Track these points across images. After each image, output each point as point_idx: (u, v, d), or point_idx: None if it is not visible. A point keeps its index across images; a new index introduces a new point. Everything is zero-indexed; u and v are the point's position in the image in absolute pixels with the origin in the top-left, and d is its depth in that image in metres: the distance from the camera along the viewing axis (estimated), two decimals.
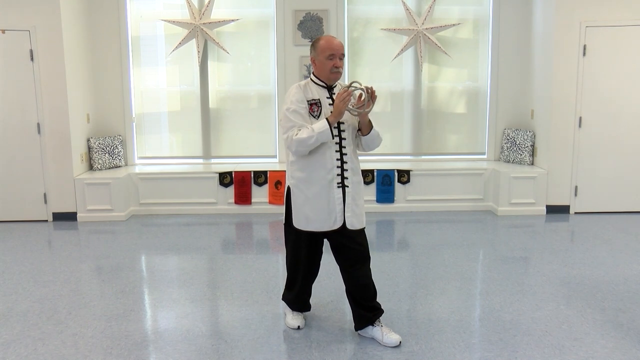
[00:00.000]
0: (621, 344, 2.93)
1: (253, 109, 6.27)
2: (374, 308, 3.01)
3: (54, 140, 5.49)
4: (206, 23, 5.93)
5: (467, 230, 5.13)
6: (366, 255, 2.98)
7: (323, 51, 2.84)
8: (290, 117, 2.82)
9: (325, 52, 2.84)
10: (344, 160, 2.90)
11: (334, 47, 2.85)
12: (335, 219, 2.89)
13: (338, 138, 2.89)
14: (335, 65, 2.86)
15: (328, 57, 2.85)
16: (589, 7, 5.39)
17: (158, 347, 2.97)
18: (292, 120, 2.82)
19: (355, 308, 3.02)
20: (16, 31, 5.32)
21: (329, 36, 2.91)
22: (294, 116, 2.82)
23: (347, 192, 2.91)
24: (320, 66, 2.88)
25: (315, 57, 2.89)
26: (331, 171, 2.87)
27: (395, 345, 2.92)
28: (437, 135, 6.32)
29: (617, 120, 5.54)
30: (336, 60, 2.86)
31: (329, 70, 2.87)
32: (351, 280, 2.98)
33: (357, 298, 2.99)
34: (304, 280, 3.14)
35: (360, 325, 3.03)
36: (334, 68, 2.86)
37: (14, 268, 4.25)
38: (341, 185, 2.90)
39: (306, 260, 3.07)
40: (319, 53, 2.86)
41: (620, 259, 4.29)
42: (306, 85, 2.92)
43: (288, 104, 2.86)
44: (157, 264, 4.32)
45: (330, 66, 2.86)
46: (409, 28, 5.96)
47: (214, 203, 5.86)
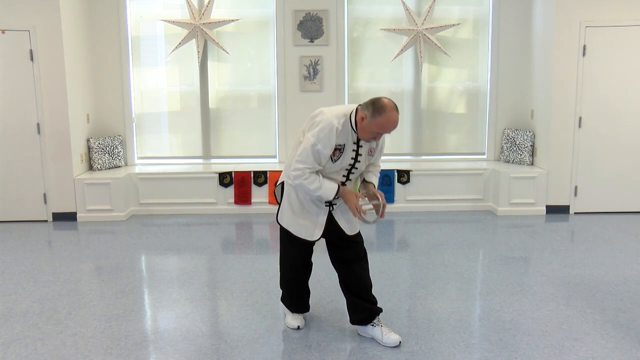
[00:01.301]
0: (621, 344, 2.93)
1: (253, 109, 6.27)
2: (371, 302, 3.02)
3: (54, 140, 5.49)
4: (206, 23, 5.93)
5: (467, 230, 5.13)
6: (363, 251, 3.04)
7: (379, 126, 2.70)
8: (311, 155, 2.75)
9: (379, 128, 2.72)
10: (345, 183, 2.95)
11: (390, 130, 2.74)
12: (313, 232, 2.95)
13: (345, 178, 2.92)
14: (376, 138, 2.81)
15: (378, 132, 2.75)
16: (589, 7, 5.39)
17: (158, 347, 2.97)
18: (311, 158, 2.76)
19: (351, 298, 3.03)
20: (16, 31, 5.32)
21: (394, 115, 2.70)
22: (315, 157, 2.76)
23: (333, 210, 2.99)
24: (366, 129, 2.75)
25: (368, 119, 2.71)
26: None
27: (395, 346, 2.93)
28: (437, 135, 6.32)
29: (617, 120, 5.54)
30: (379, 139, 2.85)
31: (369, 138, 2.80)
32: (347, 272, 3.01)
33: (353, 288, 3.01)
34: (299, 279, 3.14)
35: (355, 318, 3.04)
36: (373, 140, 2.84)
37: (14, 268, 4.25)
38: (329, 204, 2.96)
39: (299, 257, 3.08)
40: (373, 124, 2.70)
41: (620, 259, 4.29)
42: (343, 126, 2.78)
43: (316, 140, 2.74)
44: (157, 264, 4.32)
45: (372, 136, 2.79)
46: (408, 28, 5.96)
47: (214, 203, 5.86)
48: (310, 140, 2.75)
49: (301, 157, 2.77)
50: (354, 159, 2.87)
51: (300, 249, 3.05)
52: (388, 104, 2.69)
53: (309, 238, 2.97)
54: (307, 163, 2.77)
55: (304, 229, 2.96)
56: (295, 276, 3.14)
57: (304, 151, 2.77)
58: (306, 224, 2.96)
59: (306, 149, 2.76)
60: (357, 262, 3.01)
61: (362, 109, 2.76)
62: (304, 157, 2.77)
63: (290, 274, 3.13)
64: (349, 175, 2.93)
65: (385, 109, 2.69)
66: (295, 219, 2.97)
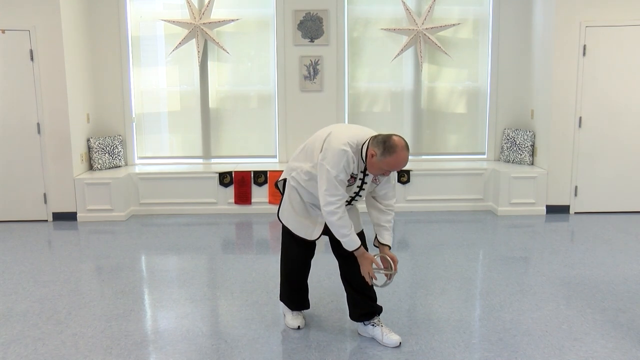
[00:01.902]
0: (621, 344, 2.94)
1: (253, 109, 6.27)
2: (371, 298, 3.03)
3: (54, 140, 5.49)
4: (206, 23, 5.93)
5: (467, 230, 5.13)
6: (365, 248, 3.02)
7: (388, 164, 2.70)
8: (338, 185, 2.74)
9: (389, 167, 2.72)
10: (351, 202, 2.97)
11: (400, 164, 2.72)
12: (312, 232, 2.98)
13: (355, 194, 2.92)
14: (385, 174, 2.80)
15: (386, 169, 2.75)
16: (589, 7, 5.39)
17: (158, 347, 2.97)
18: (340, 189, 2.74)
19: (351, 292, 3.04)
20: (16, 31, 5.32)
21: (404, 154, 2.70)
22: (341, 186, 2.76)
23: None
24: (375, 166, 2.74)
25: (378, 157, 2.69)
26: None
27: (395, 346, 2.93)
28: (437, 135, 6.32)
29: (617, 120, 5.54)
30: (388, 175, 2.85)
31: (377, 173, 2.79)
32: (348, 266, 3.01)
33: (353, 283, 3.02)
34: (299, 275, 3.14)
35: (355, 313, 3.04)
36: (382, 176, 2.85)
37: (14, 268, 4.25)
38: None
39: (299, 252, 3.08)
40: (383, 162, 2.69)
41: (620, 259, 4.29)
42: (355, 155, 2.78)
43: (337, 171, 2.72)
44: (157, 264, 4.32)
45: (381, 172, 2.78)
46: (409, 28, 5.96)
47: (214, 203, 5.86)
48: (331, 173, 2.72)
49: (329, 191, 2.74)
50: (360, 187, 2.90)
51: (301, 246, 3.05)
52: (399, 144, 2.68)
53: (308, 237, 2.98)
54: (337, 195, 2.75)
55: (304, 228, 2.98)
56: (296, 274, 3.14)
57: (329, 184, 2.73)
58: (306, 223, 2.97)
59: (330, 181, 2.73)
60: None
61: (372, 146, 2.73)
62: (332, 190, 2.74)
63: (291, 271, 3.14)
64: (351, 202, 2.95)
65: (396, 149, 2.67)
66: (295, 217, 2.98)
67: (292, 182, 2.98)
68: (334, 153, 2.73)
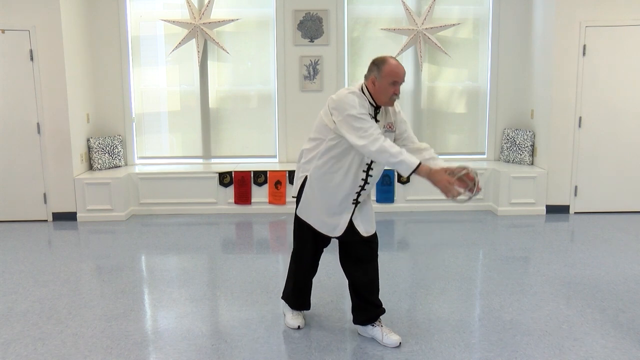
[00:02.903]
0: (621, 344, 2.94)
1: (253, 108, 6.27)
2: (376, 305, 3.01)
3: (54, 140, 5.49)
4: (206, 23, 5.93)
5: (467, 230, 5.13)
6: (376, 252, 3.02)
7: (388, 76, 2.71)
8: (364, 120, 2.66)
9: (390, 78, 2.71)
10: (367, 181, 2.89)
11: (400, 74, 2.73)
12: (336, 228, 2.91)
13: (370, 160, 2.83)
14: (395, 92, 2.75)
15: (391, 83, 2.73)
16: (589, 7, 5.39)
17: (158, 347, 2.97)
18: (367, 122, 2.64)
19: (358, 301, 3.02)
20: (16, 31, 5.32)
21: (395, 61, 2.74)
22: (367, 119, 2.68)
23: (357, 208, 2.94)
24: (380, 90, 2.74)
25: (377, 78, 2.73)
26: (353, 187, 2.86)
27: (395, 346, 2.93)
28: (437, 135, 6.32)
29: (617, 120, 5.54)
30: (397, 87, 2.76)
31: (389, 96, 2.76)
32: (360, 276, 2.99)
33: (361, 291, 2.99)
34: (305, 274, 3.14)
35: (359, 319, 3.04)
36: (394, 95, 2.77)
37: (14, 268, 4.25)
38: (355, 202, 2.91)
39: (311, 251, 3.07)
40: (383, 77, 2.72)
41: (620, 259, 4.29)
42: (360, 97, 2.76)
43: (355, 109, 2.66)
44: (157, 264, 4.32)
45: (391, 93, 2.75)
46: (409, 28, 5.96)
47: (214, 203, 5.86)
48: (352, 113, 2.64)
49: (359, 132, 2.61)
50: None
51: (314, 247, 3.03)
52: (385, 56, 2.75)
53: (330, 234, 2.93)
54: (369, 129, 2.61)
55: (325, 226, 2.92)
56: (303, 273, 3.13)
57: (356, 124, 2.62)
58: (329, 220, 2.90)
59: (356, 122, 2.62)
60: (371, 262, 2.99)
61: (368, 76, 2.78)
62: (361, 131, 2.61)
63: (300, 270, 3.13)
64: (370, 164, 2.84)
65: (386, 59, 2.76)
66: (318, 213, 2.91)
67: (313, 173, 2.89)
68: (343, 101, 2.69)
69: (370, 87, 2.78)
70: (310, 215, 2.95)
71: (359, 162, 2.82)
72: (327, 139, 2.81)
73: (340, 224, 2.91)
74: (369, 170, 2.86)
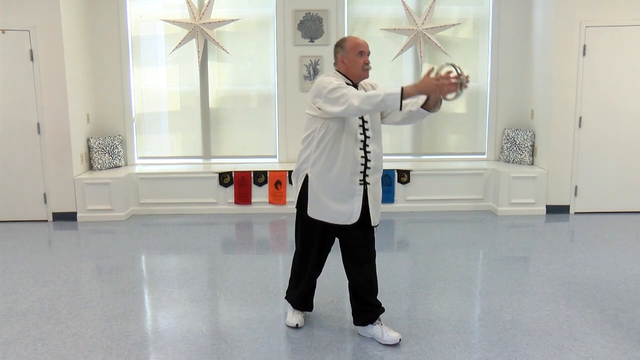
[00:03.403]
0: (621, 344, 2.94)
1: (253, 108, 6.27)
2: (375, 305, 3.02)
3: (54, 140, 5.49)
4: (206, 23, 5.93)
5: (467, 230, 5.13)
6: (374, 252, 3.02)
7: (353, 49, 2.85)
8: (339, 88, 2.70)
9: (355, 50, 2.85)
10: (368, 158, 2.89)
11: (362, 44, 2.88)
12: (352, 213, 2.89)
13: (363, 136, 2.87)
14: (365, 62, 2.87)
15: (358, 54, 2.86)
16: (589, 7, 5.39)
17: (158, 347, 2.97)
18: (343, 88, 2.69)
19: (356, 304, 3.03)
20: (16, 31, 5.32)
21: (352, 36, 2.90)
22: (342, 86, 2.72)
23: (368, 190, 2.92)
24: (351, 64, 2.87)
25: (344, 55, 2.88)
26: (355, 168, 2.87)
27: (395, 343, 2.93)
28: (437, 135, 6.32)
29: (617, 120, 5.54)
30: (366, 57, 2.88)
31: (361, 67, 2.87)
32: (356, 276, 2.99)
33: (360, 293, 3.00)
34: (310, 276, 3.13)
35: (359, 321, 3.04)
36: (365, 65, 2.88)
37: (14, 268, 4.25)
38: (363, 182, 2.90)
39: (316, 255, 3.06)
40: (349, 51, 2.86)
41: (620, 259, 4.29)
42: (335, 75, 2.89)
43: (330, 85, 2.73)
44: (157, 264, 4.32)
45: (361, 63, 2.87)
46: (409, 28, 5.96)
47: (214, 203, 5.86)
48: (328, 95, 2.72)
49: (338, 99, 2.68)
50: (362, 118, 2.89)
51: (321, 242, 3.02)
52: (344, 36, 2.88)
53: (348, 222, 2.90)
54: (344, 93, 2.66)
55: (341, 215, 2.89)
56: (310, 274, 3.12)
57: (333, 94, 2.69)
58: (342, 208, 2.88)
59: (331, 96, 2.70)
60: (368, 263, 3.00)
61: (336, 60, 2.93)
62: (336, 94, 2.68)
63: (306, 272, 3.11)
64: (365, 132, 2.87)
65: (344, 37, 2.93)
66: (330, 206, 2.89)
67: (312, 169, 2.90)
68: (319, 85, 2.79)
69: (341, 68, 2.91)
70: (322, 211, 2.91)
71: (353, 141, 2.85)
72: (317, 130, 2.86)
73: (355, 210, 2.88)
74: (365, 147, 2.88)
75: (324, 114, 2.81)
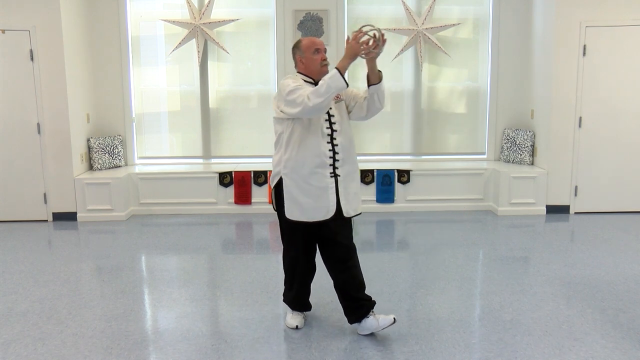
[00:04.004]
0: (621, 344, 2.94)
1: (253, 108, 6.27)
2: (365, 299, 3.03)
3: (54, 140, 5.49)
4: (206, 23, 5.93)
5: (467, 230, 5.13)
6: (353, 247, 3.05)
7: (308, 48, 2.96)
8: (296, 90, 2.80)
9: (311, 49, 2.96)
10: (336, 150, 2.95)
11: (317, 42, 2.99)
12: (328, 208, 2.94)
13: (330, 130, 2.94)
14: (322, 58, 2.98)
15: (314, 52, 2.96)
16: (589, 7, 5.39)
17: (158, 347, 2.97)
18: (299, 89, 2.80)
19: (346, 302, 3.05)
20: (16, 31, 5.32)
21: (307, 37, 3.03)
22: (299, 88, 2.82)
23: (339, 181, 2.97)
24: (309, 63, 2.98)
25: (301, 55, 2.99)
26: (323, 161, 2.92)
27: (391, 323, 2.94)
28: (437, 135, 6.32)
29: (617, 120, 5.54)
30: (322, 53, 2.98)
31: (319, 64, 2.97)
32: (340, 275, 3.02)
33: (347, 289, 3.02)
34: (302, 277, 3.15)
35: (353, 319, 3.05)
36: (322, 61, 2.98)
37: (14, 268, 4.25)
38: (333, 174, 2.95)
39: (303, 255, 3.08)
40: (305, 51, 2.97)
41: (620, 259, 4.29)
42: (294, 77, 2.98)
43: (287, 87, 2.83)
44: (157, 264, 4.32)
45: (319, 60, 2.97)
46: (409, 28, 5.96)
47: (214, 203, 5.86)
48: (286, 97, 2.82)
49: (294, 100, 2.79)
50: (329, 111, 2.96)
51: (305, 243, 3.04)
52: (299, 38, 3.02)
53: (326, 217, 2.93)
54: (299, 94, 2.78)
55: (317, 212, 2.93)
56: (303, 275, 3.14)
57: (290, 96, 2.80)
58: (319, 205, 2.92)
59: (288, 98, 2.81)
60: (349, 260, 3.02)
61: (295, 61, 3.03)
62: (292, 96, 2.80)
63: (298, 273, 3.13)
64: (332, 126, 2.94)
65: (299, 39, 3.03)
66: (307, 207, 2.93)
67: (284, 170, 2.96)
68: (280, 89, 2.89)
69: (301, 68, 3.01)
70: (300, 211, 2.95)
71: (320, 136, 2.91)
72: (284, 131, 2.94)
73: (330, 204, 2.94)
74: (332, 140, 2.94)
75: (288, 116, 2.88)
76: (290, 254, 3.12)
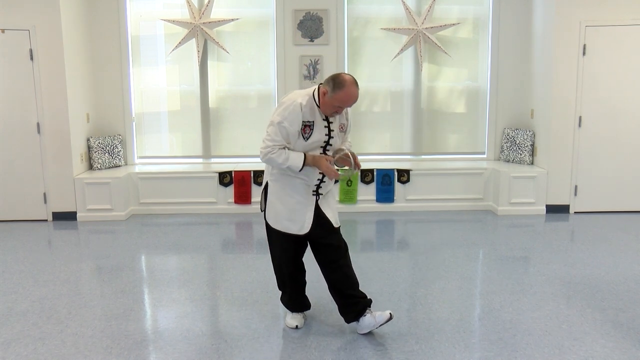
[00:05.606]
0: (621, 344, 2.94)
1: (253, 108, 6.27)
2: (360, 297, 3.05)
3: (54, 140, 5.49)
4: (206, 23, 5.93)
5: (467, 230, 5.13)
6: (344, 248, 3.07)
7: (337, 100, 2.83)
8: (279, 133, 2.85)
9: (338, 102, 2.84)
10: (323, 179, 3.00)
11: (348, 103, 2.86)
12: (303, 224, 2.98)
13: (325, 145, 2.98)
14: (337, 112, 2.91)
15: (338, 105, 2.86)
16: (589, 7, 5.39)
17: (158, 347, 2.97)
18: (279, 135, 2.85)
19: (341, 300, 3.06)
20: (16, 31, 5.31)
21: (351, 89, 2.81)
22: (282, 134, 2.85)
23: (319, 199, 3.04)
24: (326, 105, 2.88)
25: (329, 93, 2.83)
26: (311, 180, 2.97)
27: (388, 319, 2.95)
28: (437, 135, 6.32)
29: (617, 120, 5.54)
30: (341, 110, 2.91)
31: (331, 112, 2.91)
32: (332, 274, 3.04)
33: (340, 287, 3.03)
34: (291, 278, 3.16)
35: (349, 317, 3.06)
36: (335, 113, 2.93)
37: (14, 268, 4.25)
38: (315, 193, 3.01)
39: (289, 255, 3.10)
40: (334, 98, 2.82)
41: (620, 259, 4.29)
42: (307, 103, 2.89)
43: (282, 118, 2.84)
44: (157, 264, 4.32)
45: (333, 111, 2.91)
46: (408, 28, 5.96)
47: (214, 203, 5.86)
48: (276, 119, 2.87)
49: (270, 135, 2.87)
50: (328, 135, 2.95)
51: (289, 246, 3.06)
52: (348, 79, 2.81)
53: (300, 232, 2.98)
54: (275, 141, 2.86)
55: (293, 224, 2.98)
56: (293, 277, 3.15)
57: (272, 129, 2.86)
58: (295, 218, 2.97)
59: (274, 127, 2.86)
60: (340, 259, 3.03)
61: (324, 85, 2.88)
62: (272, 135, 2.86)
63: (288, 276, 3.15)
64: (325, 153, 2.99)
65: (345, 84, 2.81)
66: (283, 217, 2.99)
67: (270, 177, 3.02)
68: (286, 105, 2.87)
69: (320, 95, 2.91)
70: (277, 220, 3.01)
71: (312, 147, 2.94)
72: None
73: (307, 220, 2.97)
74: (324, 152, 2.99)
75: None
76: (275, 255, 3.16)
